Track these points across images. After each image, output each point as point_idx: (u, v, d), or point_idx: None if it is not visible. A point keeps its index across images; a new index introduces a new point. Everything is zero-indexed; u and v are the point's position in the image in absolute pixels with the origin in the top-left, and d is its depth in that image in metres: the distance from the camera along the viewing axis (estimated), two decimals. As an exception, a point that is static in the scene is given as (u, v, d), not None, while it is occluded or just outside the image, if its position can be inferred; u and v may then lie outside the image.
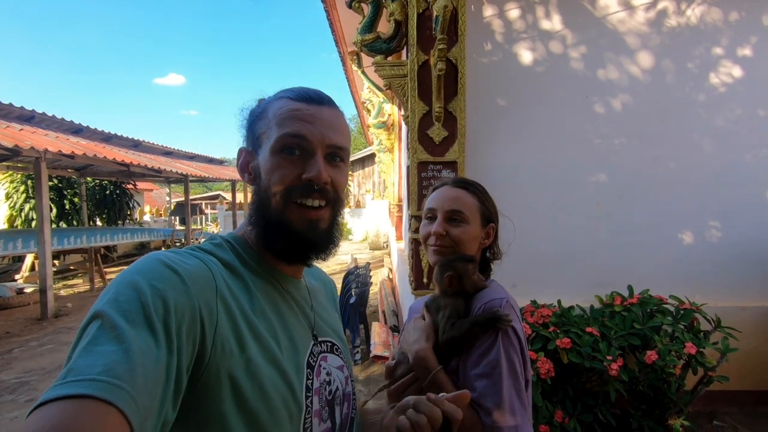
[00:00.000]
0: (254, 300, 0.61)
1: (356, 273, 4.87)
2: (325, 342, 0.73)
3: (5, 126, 6.69)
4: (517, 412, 0.80)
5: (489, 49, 2.90)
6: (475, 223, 1.01)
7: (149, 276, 0.50)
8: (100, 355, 0.42)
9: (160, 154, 12.61)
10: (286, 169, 0.63)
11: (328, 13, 4.94)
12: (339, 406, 0.71)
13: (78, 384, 0.39)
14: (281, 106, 0.66)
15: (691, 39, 2.87)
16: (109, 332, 0.44)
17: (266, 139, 0.65)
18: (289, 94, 0.67)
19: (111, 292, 0.48)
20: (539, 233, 2.91)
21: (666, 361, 2.22)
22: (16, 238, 7.48)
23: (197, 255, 0.59)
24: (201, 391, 0.51)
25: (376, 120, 6.49)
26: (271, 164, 0.64)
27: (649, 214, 2.91)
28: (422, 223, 1.07)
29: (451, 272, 0.94)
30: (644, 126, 2.89)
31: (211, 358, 0.51)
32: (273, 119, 0.65)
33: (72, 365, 0.41)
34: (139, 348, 0.43)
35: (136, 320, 0.45)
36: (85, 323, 0.46)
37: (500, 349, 0.84)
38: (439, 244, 1.00)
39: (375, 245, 14.31)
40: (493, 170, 2.89)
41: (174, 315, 0.48)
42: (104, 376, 0.40)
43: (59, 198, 10.84)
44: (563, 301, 2.72)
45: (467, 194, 1.03)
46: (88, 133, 9.67)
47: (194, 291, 0.52)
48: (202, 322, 0.51)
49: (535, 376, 2.05)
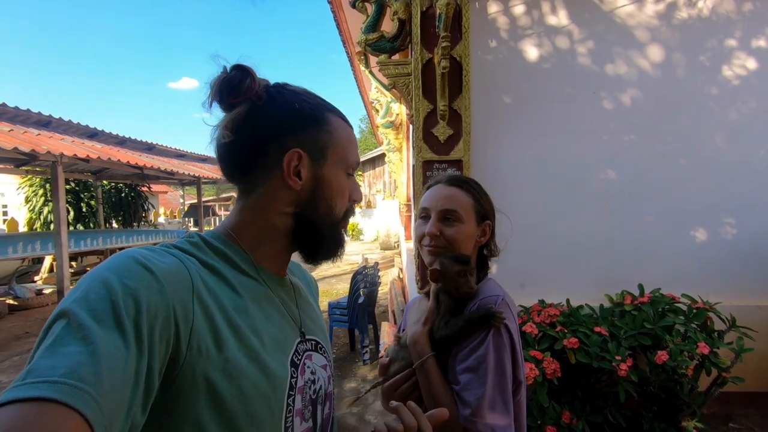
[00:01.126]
0: (236, 298, 0.60)
1: (364, 273, 4.87)
2: (311, 340, 0.72)
3: (23, 131, 6.88)
4: (498, 411, 0.79)
5: (494, 46, 2.87)
6: (470, 222, 1.00)
7: (121, 274, 0.48)
8: (65, 356, 0.40)
9: (173, 156, 12.82)
10: (347, 191, 0.71)
11: (335, 14, 4.96)
12: (321, 405, 0.70)
13: (38, 386, 0.37)
14: (346, 129, 0.71)
15: (703, 31, 2.80)
16: (76, 332, 0.42)
17: (335, 157, 0.68)
18: (339, 114, 0.71)
19: (80, 290, 0.46)
20: (547, 231, 2.87)
21: (678, 361, 2.17)
22: (35, 241, 7.70)
23: (173, 253, 0.57)
24: (175, 393, 0.50)
25: (384, 120, 6.49)
26: (342, 184, 0.70)
27: (660, 211, 2.85)
28: (416, 223, 1.07)
29: (437, 269, 0.93)
30: (655, 121, 2.83)
31: (186, 360, 0.50)
32: (341, 140, 0.69)
33: (33, 366, 0.39)
34: (107, 349, 0.41)
35: (105, 320, 0.43)
36: (50, 322, 0.44)
37: (489, 346, 0.83)
38: (434, 245, 0.99)
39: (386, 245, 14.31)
40: (499, 168, 2.86)
41: (146, 315, 0.46)
42: (67, 379, 0.38)
43: (76, 201, 11.08)
44: (572, 301, 2.68)
45: (461, 192, 1.01)
46: (103, 137, 9.89)
47: (169, 290, 0.50)
48: (176, 322, 0.50)
49: (540, 376, 2.02)
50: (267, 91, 0.65)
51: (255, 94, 0.63)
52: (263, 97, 0.64)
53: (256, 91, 0.63)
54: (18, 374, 0.40)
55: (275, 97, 0.65)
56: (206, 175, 11.95)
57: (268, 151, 0.64)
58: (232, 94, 0.62)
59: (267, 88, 0.65)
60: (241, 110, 0.63)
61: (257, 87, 0.63)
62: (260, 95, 0.63)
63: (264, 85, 0.65)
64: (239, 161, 0.66)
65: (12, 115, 7.61)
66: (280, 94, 0.66)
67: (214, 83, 0.62)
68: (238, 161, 0.66)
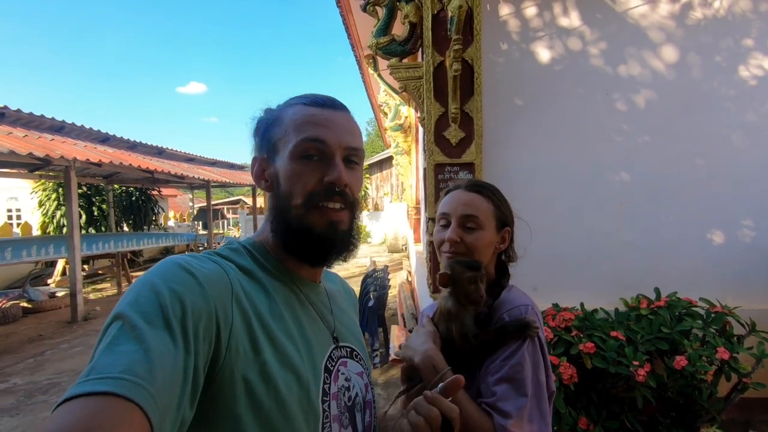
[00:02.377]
0: (272, 304, 0.62)
1: (374, 276, 4.86)
2: (345, 347, 0.72)
3: (37, 136, 6.98)
4: (535, 422, 0.78)
5: (505, 49, 2.86)
6: (490, 229, 0.98)
7: (168, 279, 0.52)
8: (121, 354, 0.43)
9: (182, 160, 12.93)
10: (306, 175, 0.64)
11: (343, 18, 4.98)
12: (360, 413, 0.70)
13: (101, 381, 0.41)
14: (296, 112, 0.67)
15: (719, 31, 2.76)
16: (130, 332, 0.45)
17: (283, 146, 0.66)
18: (302, 101, 0.69)
19: (131, 295, 0.50)
20: (560, 234, 2.84)
21: (696, 366, 2.13)
22: (48, 244, 7.80)
23: (214, 259, 0.61)
24: (216, 391, 0.52)
25: (393, 123, 6.49)
26: (291, 170, 0.65)
27: (677, 213, 2.80)
28: (435, 228, 1.04)
29: (447, 273, 0.90)
30: (669, 122, 2.79)
31: (225, 360, 0.52)
32: (289, 125, 0.66)
33: (94, 364, 0.43)
34: (158, 348, 0.45)
35: (155, 321, 0.47)
36: (107, 324, 0.48)
37: (525, 355, 0.82)
38: (453, 251, 0.97)
39: (393, 248, 14.30)
40: (511, 171, 2.84)
41: (191, 316, 0.50)
42: (125, 375, 0.41)
43: (88, 205, 11.23)
44: (586, 305, 2.64)
45: (481, 198, 0.99)
46: (115, 142, 10.00)
47: (210, 294, 0.53)
48: (218, 324, 0.53)
49: (557, 382, 1.99)
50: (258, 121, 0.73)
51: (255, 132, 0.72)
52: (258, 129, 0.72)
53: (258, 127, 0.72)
54: (32, 377, 0.42)
55: (259, 120, 0.72)
56: (215, 178, 12.04)
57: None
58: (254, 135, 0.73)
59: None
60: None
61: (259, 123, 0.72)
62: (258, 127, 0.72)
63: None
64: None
65: (26, 120, 7.72)
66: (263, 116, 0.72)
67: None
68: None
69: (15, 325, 6.79)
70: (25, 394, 4.07)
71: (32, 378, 4.48)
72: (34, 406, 3.84)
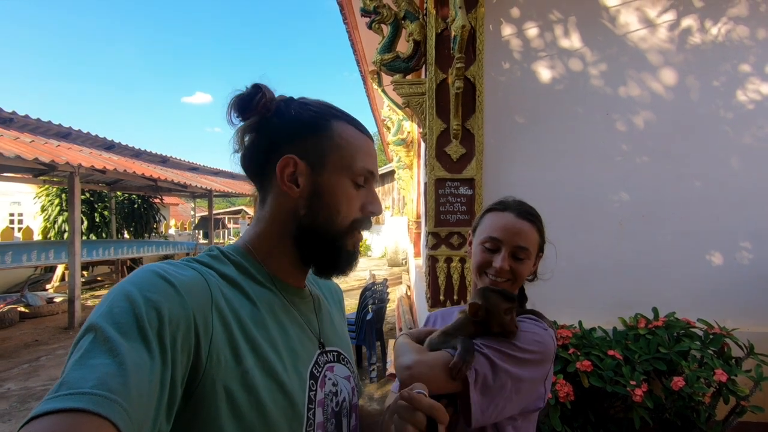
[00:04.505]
0: (254, 311, 0.60)
1: (373, 289, 4.85)
2: (332, 351, 0.71)
3: (44, 142, 7.06)
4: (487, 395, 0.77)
5: (507, 68, 2.92)
6: (533, 258, 0.98)
7: (144, 288, 0.50)
8: (93, 368, 0.41)
9: (186, 169, 13.03)
10: (355, 200, 0.67)
11: (349, 34, 5.09)
12: (346, 417, 0.70)
13: (71, 398, 0.39)
14: (353, 136, 0.68)
15: (717, 56, 2.82)
16: (102, 345, 0.43)
17: (338, 164, 0.66)
18: (351, 121, 0.69)
19: (105, 305, 0.48)
20: (559, 252, 2.83)
21: (694, 388, 2.12)
22: (49, 249, 7.80)
23: (194, 266, 0.59)
24: (197, 402, 0.51)
25: (396, 137, 6.56)
26: (345, 192, 0.66)
27: (675, 233, 2.82)
28: (478, 248, 1.00)
29: (480, 302, 0.86)
30: (668, 144, 2.83)
31: (206, 370, 0.51)
32: (348, 147, 0.66)
33: (65, 378, 0.41)
34: (133, 360, 0.43)
35: (130, 332, 0.45)
36: (79, 336, 0.46)
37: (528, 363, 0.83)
38: (499, 281, 0.95)
39: (393, 262, 14.27)
40: (511, 187, 2.85)
41: (168, 326, 0.48)
42: (97, 390, 0.40)
43: (90, 211, 11.27)
44: (585, 323, 2.64)
45: (533, 229, 0.98)
46: (119, 149, 10.10)
47: (189, 302, 0.52)
48: (197, 333, 0.51)
49: (553, 399, 1.98)
50: (276, 105, 0.67)
51: (264, 107, 0.65)
52: (271, 110, 0.66)
53: (265, 105, 0.65)
54: (26, 382, 0.42)
55: (281, 108, 0.67)
56: (218, 188, 12.11)
57: (270, 160, 0.66)
58: (244, 109, 0.65)
59: (277, 101, 0.67)
60: (250, 122, 0.66)
61: (267, 102, 0.65)
62: (269, 108, 0.66)
63: (275, 99, 0.67)
64: (250, 171, 0.69)
65: (34, 126, 7.83)
66: (287, 106, 0.67)
67: (231, 99, 0.64)
68: (249, 171, 0.69)
69: (12, 329, 6.76)
70: (19, 400, 4.04)
71: (26, 384, 4.45)
72: (27, 412, 3.80)
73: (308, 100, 0.69)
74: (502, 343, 0.82)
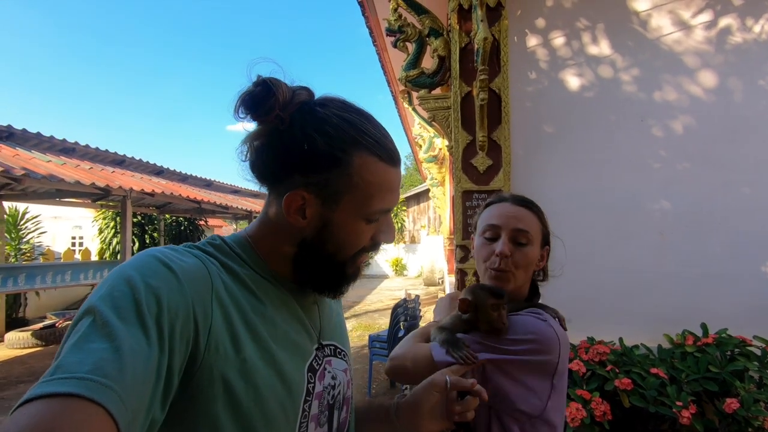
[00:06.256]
0: (254, 301, 0.59)
1: (405, 306, 4.81)
2: (330, 345, 0.71)
3: (101, 169, 7.65)
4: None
5: (534, 78, 2.88)
6: (536, 246, 0.94)
7: (144, 273, 0.49)
8: (90, 352, 0.41)
9: (228, 192, 13.63)
10: (365, 233, 0.64)
11: (379, 56, 5.22)
12: (338, 410, 0.70)
13: (65, 382, 0.38)
14: (375, 172, 0.60)
15: (761, 54, 2.66)
16: (101, 329, 0.43)
17: (352, 203, 0.60)
18: (375, 150, 0.60)
19: (105, 287, 0.47)
20: (595, 265, 2.72)
21: (751, 411, 1.93)
22: (104, 268, 8.33)
23: (195, 253, 0.58)
24: (194, 391, 0.50)
25: (427, 154, 6.60)
26: (356, 231, 0.63)
27: (723, 244, 2.62)
28: (479, 242, 0.97)
29: (470, 298, 0.85)
30: (711, 149, 2.67)
31: (204, 358, 0.50)
32: (365, 188, 0.60)
33: (61, 362, 0.40)
34: (130, 346, 0.42)
35: (129, 317, 0.44)
36: (77, 317, 0.45)
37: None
38: (502, 268, 0.90)
39: (429, 281, 14.10)
40: (541, 198, 2.72)
41: (167, 313, 0.47)
42: (93, 375, 0.39)
43: (141, 233, 11.96)
44: (626, 340, 2.49)
45: (531, 214, 0.96)
46: (168, 174, 10.75)
47: (189, 289, 0.51)
48: (196, 322, 0.50)
49: (588, 418, 1.86)
50: (291, 115, 0.58)
51: (276, 118, 0.57)
52: (285, 121, 0.58)
53: (277, 114, 0.57)
54: None
55: (297, 123, 0.58)
56: (258, 210, 12.55)
57: (278, 178, 0.61)
58: (252, 111, 0.58)
59: (292, 110, 0.58)
60: (261, 130, 0.60)
61: (279, 109, 0.57)
62: (282, 119, 0.57)
63: (290, 103, 0.58)
64: (259, 177, 0.64)
65: (93, 154, 8.51)
66: (305, 120, 0.58)
67: (239, 96, 0.58)
68: (258, 176, 0.64)
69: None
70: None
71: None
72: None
73: (330, 112, 0.59)
74: (490, 337, 0.82)
